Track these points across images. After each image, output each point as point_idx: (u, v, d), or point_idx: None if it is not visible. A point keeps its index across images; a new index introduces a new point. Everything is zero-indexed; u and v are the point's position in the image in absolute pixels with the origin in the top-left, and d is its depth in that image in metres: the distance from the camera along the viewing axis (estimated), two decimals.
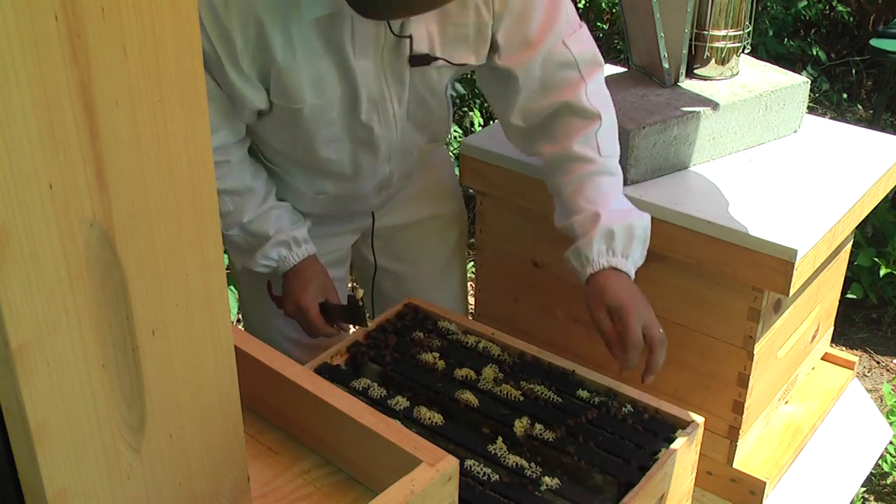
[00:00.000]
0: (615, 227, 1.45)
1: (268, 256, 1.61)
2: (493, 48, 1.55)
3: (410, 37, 1.46)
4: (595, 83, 1.56)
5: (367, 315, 1.62)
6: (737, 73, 1.94)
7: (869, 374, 3.14)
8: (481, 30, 1.51)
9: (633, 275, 1.47)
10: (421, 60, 1.50)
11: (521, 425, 1.39)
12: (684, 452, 1.39)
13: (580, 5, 4.45)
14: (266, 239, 1.60)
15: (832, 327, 2.08)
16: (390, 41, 1.46)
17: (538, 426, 1.40)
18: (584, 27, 1.59)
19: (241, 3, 1.37)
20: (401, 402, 1.45)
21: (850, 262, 2.31)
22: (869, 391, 2.88)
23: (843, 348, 3.17)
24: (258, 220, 1.60)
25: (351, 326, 1.66)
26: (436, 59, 1.50)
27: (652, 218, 1.52)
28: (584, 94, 1.54)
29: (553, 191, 1.58)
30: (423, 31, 1.47)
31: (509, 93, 1.58)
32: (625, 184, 1.60)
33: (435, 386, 1.49)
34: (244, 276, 1.80)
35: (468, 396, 1.45)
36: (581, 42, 1.56)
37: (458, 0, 1.43)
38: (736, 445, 1.71)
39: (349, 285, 1.75)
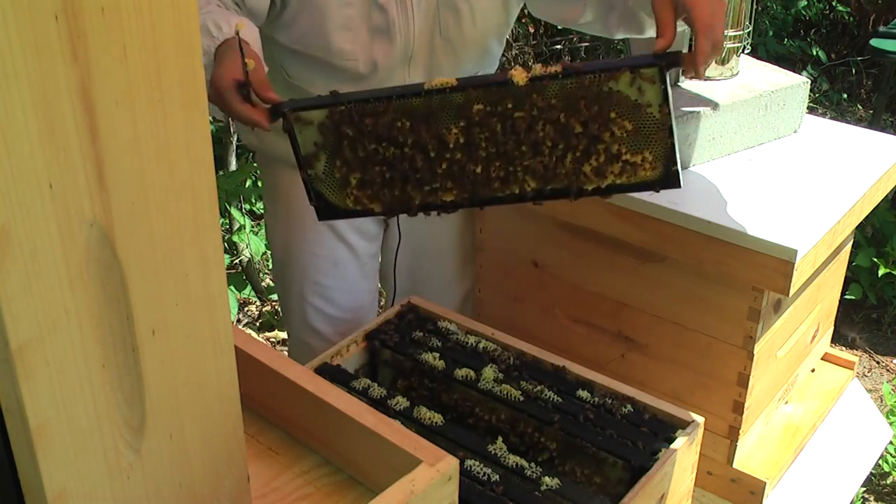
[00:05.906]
0: None
1: (205, 53, 1.40)
2: None
3: None
4: None
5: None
6: (737, 73, 1.94)
7: (869, 374, 3.14)
8: None
9: None
10: None
11: (514, 432, 1.39)
12: (684, 452, 1.39)
13: None
14: (206, 32, 1.41)
15: (832, 327, 2.08)
16: None
17: (532, 432, 1.39)
18: None
19: None
20: (401, 402, 1.45)
21: (849, 263, 2.31)
22: (869, 391, 2.88)
23: (843, 348, 3.16)
24: (205, 14, 1.44)
25: None
26: None
27: (651, 218, 1.52)
28: None
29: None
30: None
31: None
32: None
33: (434, 387, 1.49)
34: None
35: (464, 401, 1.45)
36: None
37: None
38: (736, 445, 1.70)
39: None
